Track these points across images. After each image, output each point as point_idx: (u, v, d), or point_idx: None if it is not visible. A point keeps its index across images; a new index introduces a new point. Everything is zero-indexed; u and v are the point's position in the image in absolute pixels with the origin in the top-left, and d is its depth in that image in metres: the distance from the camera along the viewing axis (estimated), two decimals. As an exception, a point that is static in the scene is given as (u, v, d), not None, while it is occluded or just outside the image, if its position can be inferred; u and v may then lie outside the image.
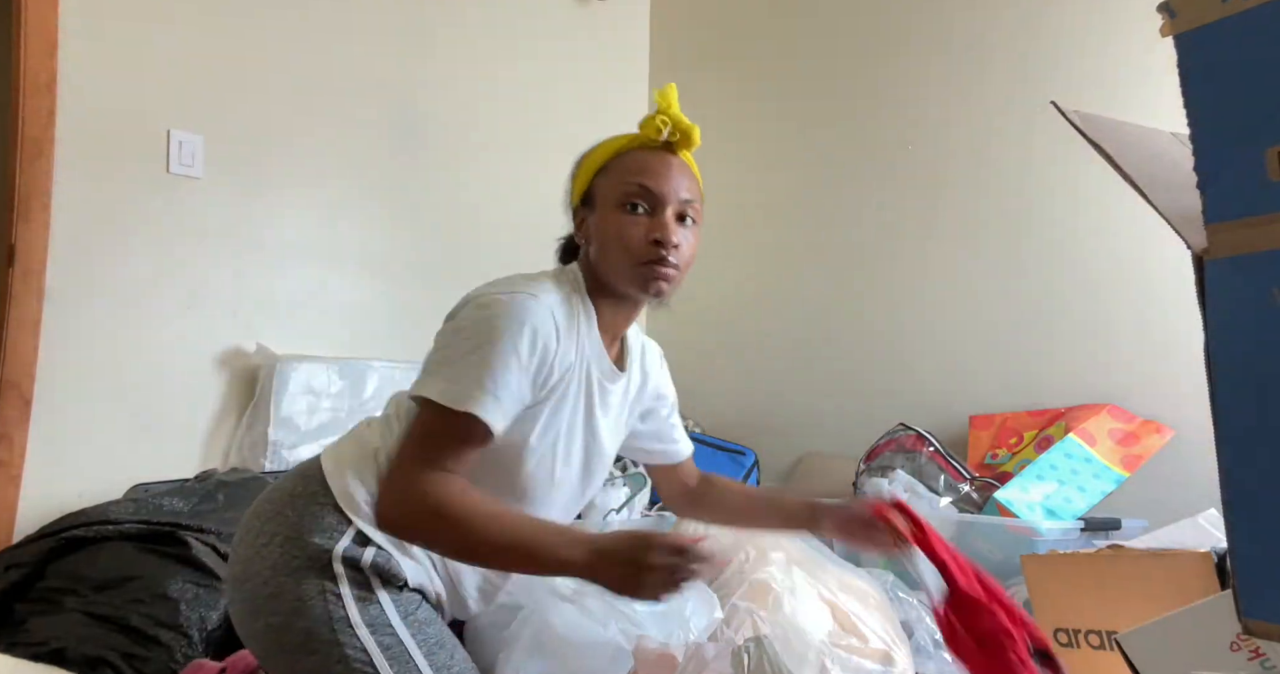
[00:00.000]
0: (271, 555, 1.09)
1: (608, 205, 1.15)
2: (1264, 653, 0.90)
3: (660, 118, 1.14)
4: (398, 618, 1.08)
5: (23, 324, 1.93)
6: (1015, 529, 1.85)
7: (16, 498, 1.91)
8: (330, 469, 1.15)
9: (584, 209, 1.18)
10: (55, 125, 1.99)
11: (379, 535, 1.10)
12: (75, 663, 1.43)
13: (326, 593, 1.06)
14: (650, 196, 1.13)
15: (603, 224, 1.14)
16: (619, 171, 1.15)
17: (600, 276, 1.17)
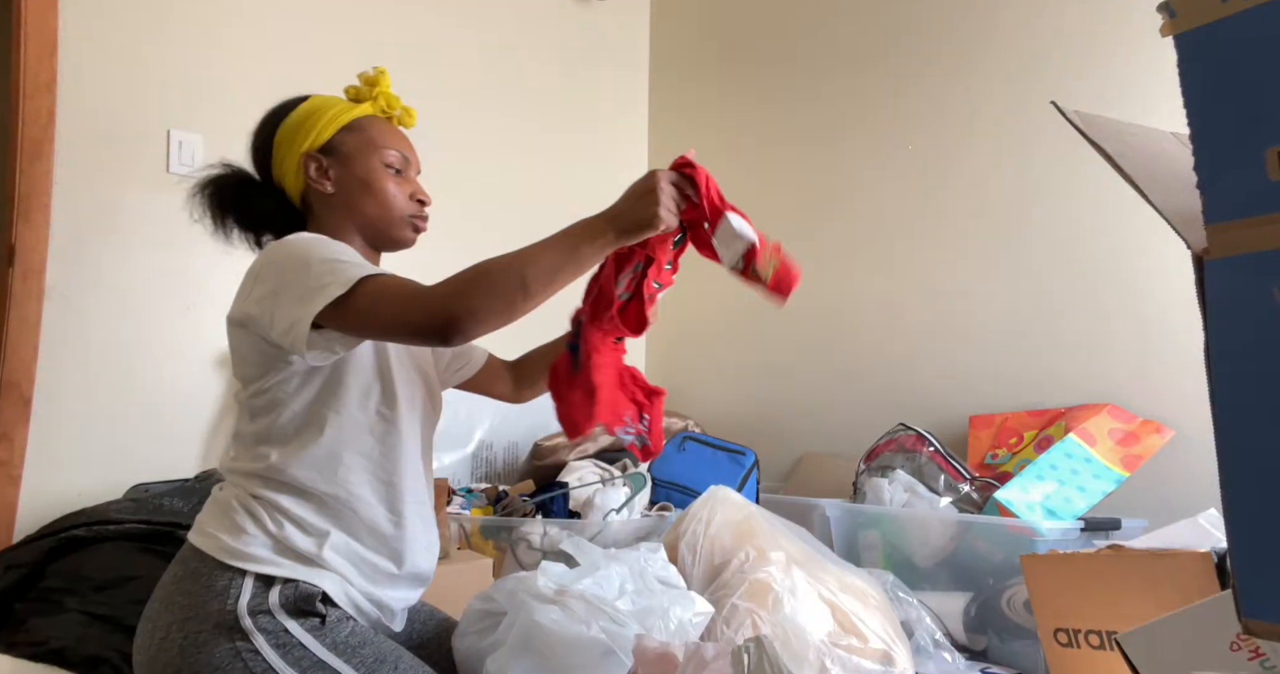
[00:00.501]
0: (174, 643, 1.06)
1: (364, 160, 1.27)
2: (1264, 653, 0.90)
3: (403, 107, 1.36)
4: (325, 650, 1.06)
5: (23, 324, 1.93)
6: (1015, 529, 1.85)
7: (16, 498, 1.91)
8: (199, 540, 1.14)
9: (324, 158, 1.26)
10: (55, 125, 1.99)
11: (280, 568, 1.09)
12: (75, 663, 1.43)
13: (241, 653, 1.04)
14: (407, 164, 1.32)
15: (362, 176, 1.27)
16: (374, 134, 1.30)
17: (351, 221, 1.27)
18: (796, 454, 2.74)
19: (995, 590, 1.84)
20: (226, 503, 1.16)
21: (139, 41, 2.15)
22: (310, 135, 1.27)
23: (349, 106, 1.32)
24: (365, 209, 1.28)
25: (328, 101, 1.32)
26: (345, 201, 1.27)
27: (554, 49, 3.05)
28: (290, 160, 1.27)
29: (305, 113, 1.29)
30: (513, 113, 2.90)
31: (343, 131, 1.29)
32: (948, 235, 2.53)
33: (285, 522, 1.13)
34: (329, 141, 1.28)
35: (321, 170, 1.27)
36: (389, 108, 1.35)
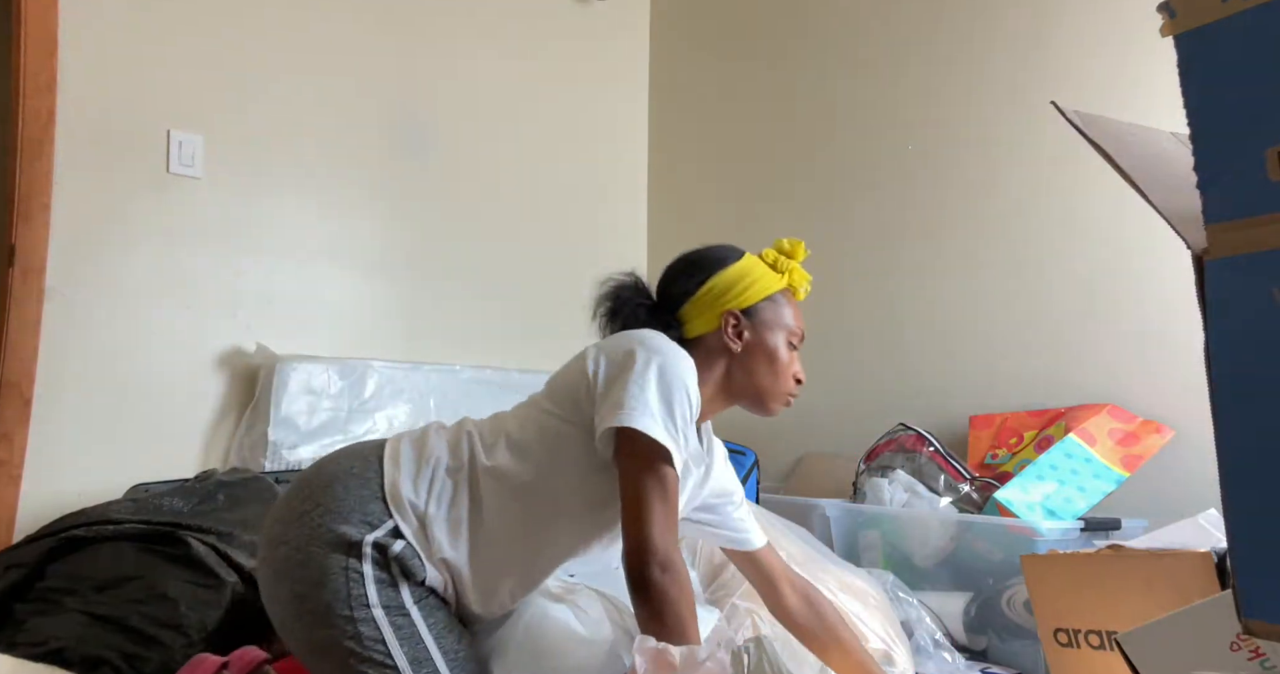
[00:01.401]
0: (310, 524, 1.16)
1: (775, 335, 1.35)
2: (1264, 653, 0.90)
3: (806, 286, 1.41)
4: (411, 602, 1.15)
5: (23, 324, 1.93)
6: (1015, 529, 1.85)
7: (16, 498, 1.91)
8: (389, 463, 1.22)
9: (744, 318, 1.34)
10: (55, 125, 1.99)
11: (411, 534, 1.17)
12: (75, 663, 1.43)
13: (350, 570, 1.13)
14: (800, 342, 1.40)
15: (771, 349, 1.35)
16: (787, 313, 1.38)
17: (733, 378, 1.35)
18: (796, 454, 2.74)
19: (995, 590, 1.84)
20: (429, 453, 1.23)
21: (139, 41, 2.15)
22: (741, 295, 1.34)
23: (775, 278, 1.38)
24: (759, 378, 1.35)
25: (758, 266, 1.38)
26: (743, 363, 1.34)
27: (554, 49, 3.05)
28: (714, 309, 1.33)
29: (741, 272, 1.36)
30: (512, 112, 2.90)
31: (766, 300, 1.36)
32: (948, 235, 2.53)
33: (445, 512, 1.19)
34: (752, 306, 1.35)
35: (737, 330, 1.33)
36: (796, 284, 1.40)
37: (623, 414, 1.14)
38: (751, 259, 1.39)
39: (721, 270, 1.35)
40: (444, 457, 1.24)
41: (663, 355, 1.20)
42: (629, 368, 1.19)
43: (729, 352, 1.33)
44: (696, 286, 1.34)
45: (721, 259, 1.37)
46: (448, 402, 2.44)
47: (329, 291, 2.45)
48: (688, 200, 3.23)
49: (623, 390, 1.16)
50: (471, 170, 2.79)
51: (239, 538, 1.70)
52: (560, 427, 1.23)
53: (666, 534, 1.13)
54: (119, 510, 1.72)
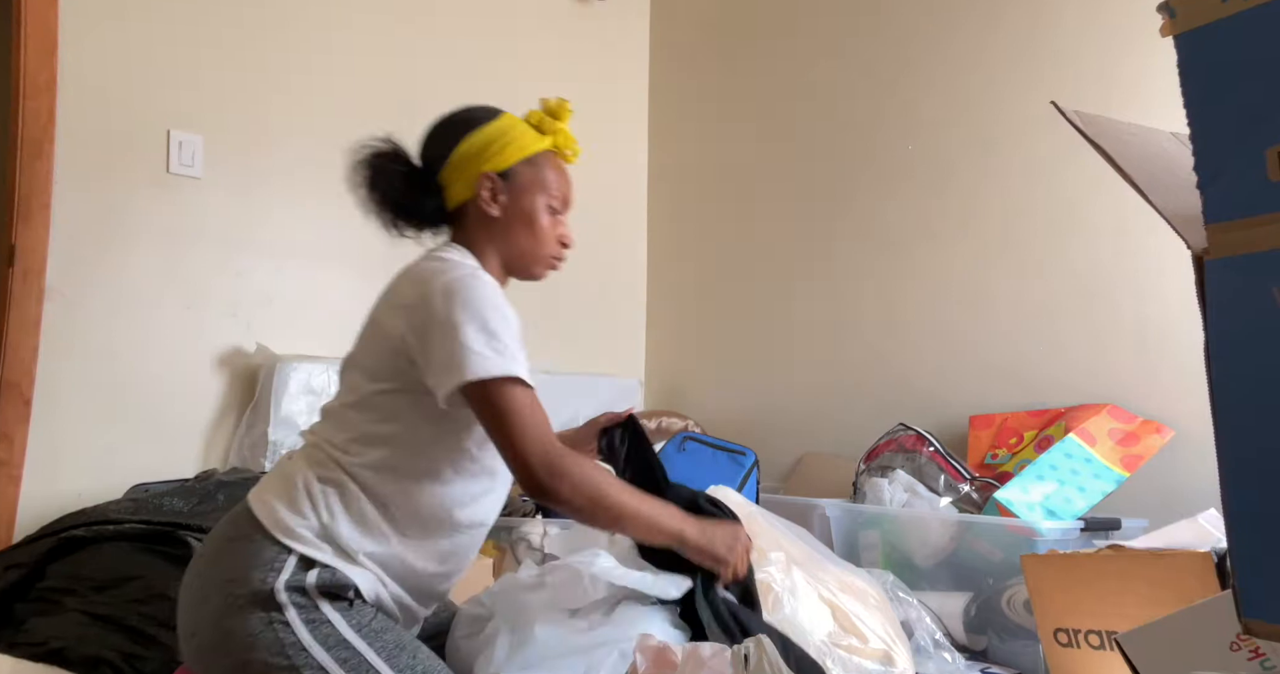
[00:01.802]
0: (215, 602, 1.12)
1: (533, 197, 1.33)
2: (1264, 653, 0.90)
3: (574, 147, 1.40)
4: (351, 632, 1.11)
5: (23, 324, 1.93)
6: (1015, 529, 1.85)
7: (16, 498, 1.91)
8: (259, 507, 1.18)
9: (500, 181, 1.30)
10: (55, 125, 1.99)
11: (320, 554, 1.13)
12: (75, 663, 1.43)
13: (274, 623, 1.09)
14: (565, 207, 1.40)
15: (527, 213, 1.33)
16: (548, 175, 1.35)
17: (500, 249, 1.33)
18: (796, 454, 2.74)
19: (995, 590, 1.84)
20: (291, 478, 1.19)
21: (139, 41, 2.15)
22: (496, 157, 1.31)
23: (535, 138, 1.35)
24: (518, 241, 1.33)
25: (518, 127, 1.35)
26: (503, 229, 1.32)
27: (554, 49, 3.05)
28: (469, 173, 1.30)
29: (497, 132, 1.32)
30: (512, 112, 2.90)
31: (523, 163, 1.33)
32: (948, 235, 2.53)
33: (340, 512, 1.16)
34: (509, 168, 1.32)
35: (493, 193, 1.31)
36: (563, 146, 1.39)
37: (457, 371, 1.12)
38: (510, 119, 1.35)
39: (475, 130, 1.31)
40: (309, 473, 1.19)
41: (456, 290, 1.17)
42: (433, 320, 1.16)
43: (489, 217, 1.31)
44: (450, 148, 1.31)
45: (476, 119, 1.33)
46: (448, 402, 2.44)
47: (329, 291, 2.44)
48: (687, 200, 3.23)
49: (441, 348, 1.14)
50: (471, 170, 2.79)
51: (239, 538, 1.69)
52: (396, 402, 1.20)
53: (538, 442, 1.13)
54: (119, 510, 1.72)
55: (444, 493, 1.21)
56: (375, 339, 1.26)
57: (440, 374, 1.14)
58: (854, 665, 1.48)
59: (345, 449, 1.20)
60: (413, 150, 1.36)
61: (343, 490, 1.17)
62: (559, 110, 1.38)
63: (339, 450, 1.20)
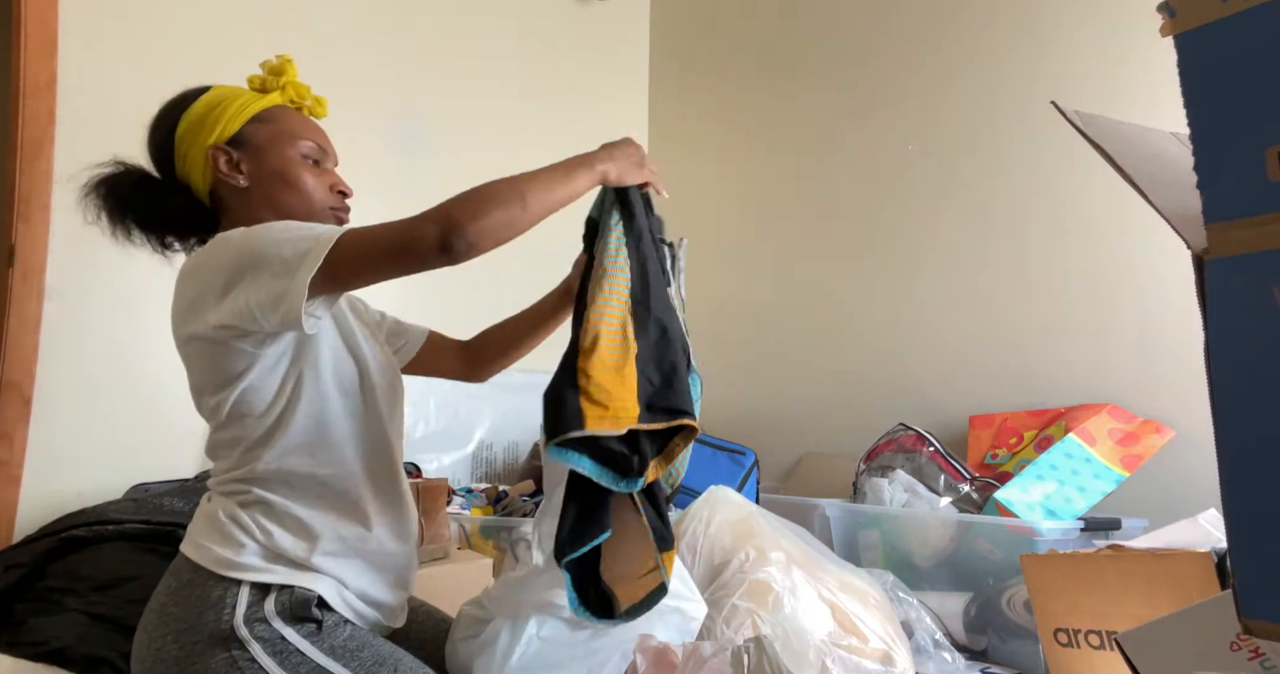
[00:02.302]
0: (170, 654, 1.06)
1: (278, 151, 1.23)
2: (1264, 653, 0.90)
3: (313, 97, 1.33)
4: (323, 655, 1.06)
5: (23, 324, 1.93)
6: (1015, 529, 1.85)
7: (16, 498, 1.91)
8: (194, 551, 1.13)
9: (234, 150, 1.21)
10: (55, 125, 1.99)
11: (274, 575, 1.08)
12: (75, 663, 1.43)
13: (238, 663, 1.03)
14: (325, 155, 1.30)
15: (279, 171, 1.22)
16: (287, 125, 1.25)
17: (273, 215, 1.20)
18: (796, 454, 2.74)
19: (995, 590, 1.84)
20: (214, 515, 1.14)
21: (139, 41, 2.15)
22: (217, 127, 1.21)
23: (256, 97, 1.26)
24: (284, 201, 1.22)
25: (232, 92, 1.26)
26: (263, 195, 1.22)
27: (554, 49, 3.05)
28: (196, 154, 1.21)
29: (209, 104, 1.23)
30: (513, 112, 2.90)
31: (252, 122, 1.23)
32: (948, 235, 2.53)
33: (274, 527, 1.12)
34: (238, 133, 1.22)
35: (232, 163, 1.21)
36: (299, 98, 1.30)
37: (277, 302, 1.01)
38: (223, 89, 1.26)
39: (185, 112, 1.22)
40: (227, 504, 1.14)
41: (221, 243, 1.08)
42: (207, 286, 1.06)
43: (241, 190, 1.20)
44: (169, 139, 1.22)
45: (183, 100, 1.24)
46: (448, 401, 2.44)
47: (329, 291, 2.44)
48: (687, 200, 3.23)
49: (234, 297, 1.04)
50: (471, 171, 2.78)
51: (239, 538, 1.69)
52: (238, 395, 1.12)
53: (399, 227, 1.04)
54: (119, 510, 1.72)
55: (319, 422, 1.13)
56: (189, 360, 1.16)
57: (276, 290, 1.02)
58: (854, 665, 1.48)
59: (239, 464, 1.14)
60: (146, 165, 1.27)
61: (266, 506, 1.12)
62: (281, 66, 1.28)
63: (235, 467, 1.14)
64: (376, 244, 1.04)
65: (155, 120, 1.27)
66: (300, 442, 1.13)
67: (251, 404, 1.13)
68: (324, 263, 1.01)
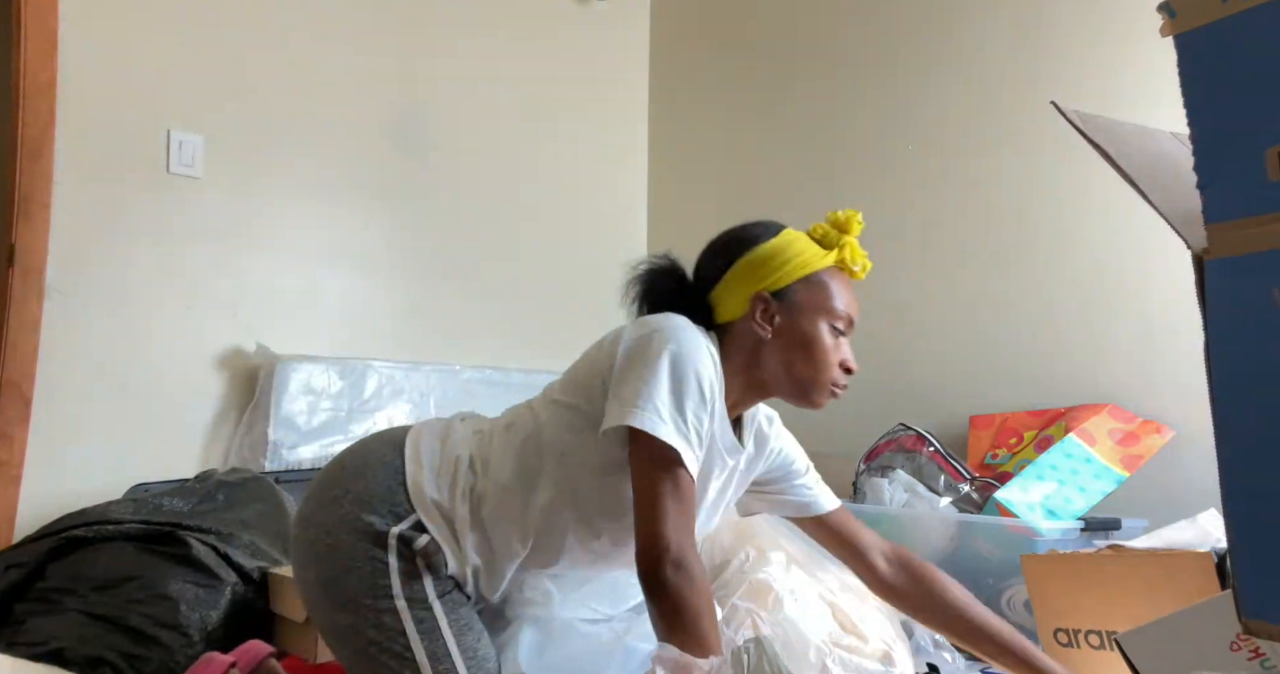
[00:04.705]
0: (340, 509, 1.17)
1: (812, 319, 1.23)
2: (1264, 653, 0.90)
3: (863, 262, 1.28)
4: (434, 596, 1.15)
5: (23, 324, 1.93)
6: (1015, 529, 1.85)
7: (16, 498, 1.91)
8: (410, 456, 1.22)
9: (775, 303, 1.23)
10: (55, 125, 1.99)
11: (435, 528, 1.17)
12: (75, 663, 1.43)
13: (376, 561, 1.14)
14: (849, 327, 1.27)
15: (806, 334, 1.23)
16: (830, 293, 1.24)
17: (765, 368, 1.24)
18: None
19: (995, 590, 1.84)
20: (454, 455, 1.22)
21: (139, 41, 2.15)
22: (772, 275, 1.23)
23: (818, 254, 1.25)
24: (794, 367, 1.23)
25: (798, 242, 1.25)
26: (775, 351, 1.23)
27: (554, 49, 3.05)
28: (742, 292, 1.24)
29: (775, 249, 1.24)
30: (512, 112, 2.90)
31: (801, 281, 1.24)
32: (948, 235, 2.53)
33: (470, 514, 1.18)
34: (786, 288, 1.23)
35: (768, 314, 1.23)
36: (851, 261, 1.27)
37: (631, 412, 1.09)
38: (791, 235, 1.26)
39: (752, 249, 1.24)
40: (465, 457, 1.22)
41: (677, 343, 1.13)
42: (640, 358, 1.13)
43: (758, 338, 1.23)
44: (724, 268, 1.25)
45: (754, 237, 1.26)
46: (448, 401, 2.44)
47: (329, 292, 2.45)
48: (688, 200, 3.23)
49: (632, 385, 1.12)
50: (472, 170, 2.79)
51: (239, 538, 1.70)
52: (571, 429, 1.19)
53: (680, 532, 1.08)
54: (119, 510, 1.72)
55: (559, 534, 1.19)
56: (591, 358, 1.23)
57: (617, 406, 1.12)
58: (854, 665, 1.48)
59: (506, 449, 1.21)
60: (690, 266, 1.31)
61: (484, 491, 1.19)
62: (848, 223, 1.27)
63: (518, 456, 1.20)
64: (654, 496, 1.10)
65: (722, 242, 1.29)
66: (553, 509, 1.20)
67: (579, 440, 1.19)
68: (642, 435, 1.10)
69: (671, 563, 1.07)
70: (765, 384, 1.26)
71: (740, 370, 1.24)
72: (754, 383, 1.26)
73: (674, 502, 1.10)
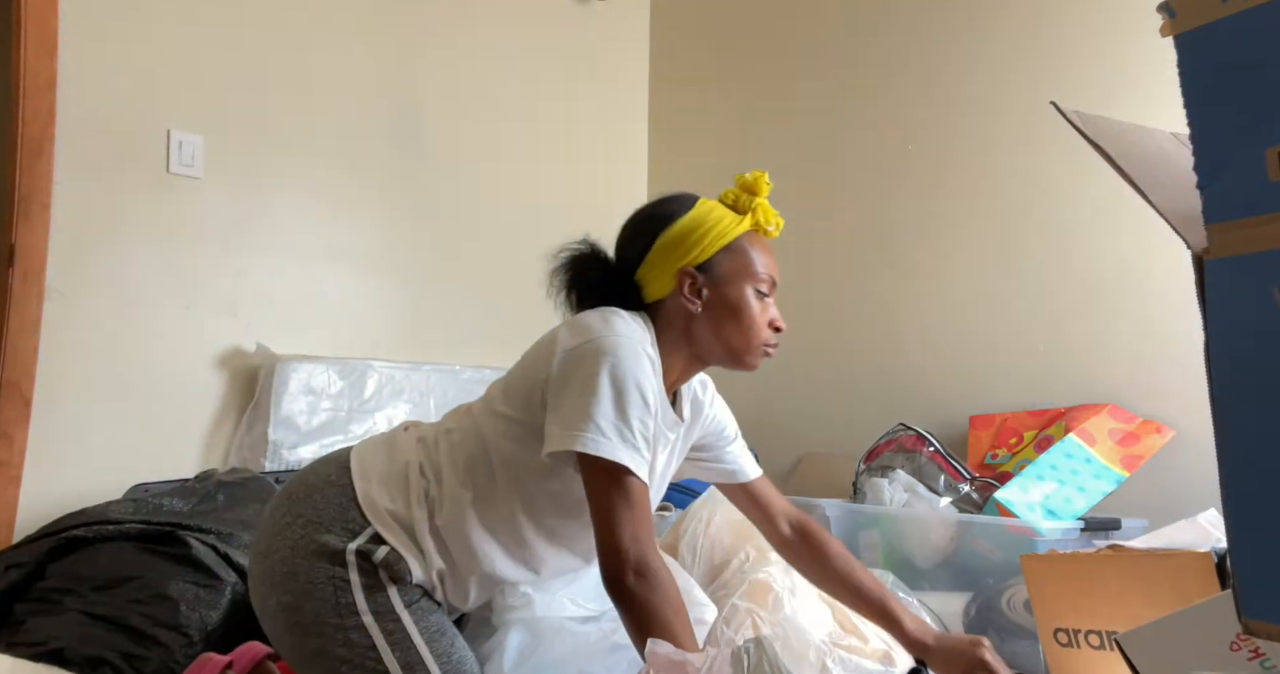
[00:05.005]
0: (293, 535, 1.18)
1: (739, 286, 1.26)
2: (1264, 653, 0.90)
3: (775, 221, 1.30)
4: (401, 606, 1.15)
5: (23, 324, 1.93)
6: (1015, 529, 1.85)
7: (16, 498, 1.91)
8: (357, 471, 1.23)
9: (700, 276, 1.25)
10: (55, 125, 1.99)
11: (394, 538, 1.17)
12: (75, 663, 1.43)
13: (335, 579, 1.14)
14: (773, 288, 1.29)
15: (734, 302, 1.25)
16: (750, 258, 1.27)
17: (699, 340, 1.27)
18: (796, 454, 2.74)
19: (995, 590, 1.84)
20: (402, 463, 1.23)
21: (139, 41, 2.15)
22: (694, 251, 1.25)
23: (734, 221, 1.27)
24: (725, 334, 1.27)
25: (713, 212, 1.28)
26: (706, 323, 1.26)
27: (554, 49, 3.05)
28: (666, 270, 1.25)
29: (693, 223, 1.26)
30: (512, 112, 2.90)
31: (723, 251, 1.26)
32: (948, 235, 2.53)
33: (427, 520, 1.19)
34: (709, 259, 1.25)
35: (695, 288, 1.25)
36: (764, 222, 1.29)
37: (574, 437, 1.10)
38: (705, 206, 1.28)
39: (670, 225, 1.26)
40: (415, 463, 1.22)
41: (615, 356, 1.13)
42: (577, 374, 1.13)
43: (689, 313, 1.25)
44: (646, 247, 1.26)
45: (671, 214, 1.27)
46: (448, 401, 2.44)
47: (329, 292, 2.44)
48: (688, 200, 3.23)
49: (573, 404, 1.12)
50: (472, 170, 2.79)
51: (239, 538, 1.70)
52: (515, 440, 1.19)
53: (639, 541, 1.09)
54: (119, 510, 1.72)
55: (516, 537, 1.21)
56: (529, 367, 1.23)
57: (559, 428, 1.12)
58: (854, 665, 1.48)
59: (453, 454, 1.22)
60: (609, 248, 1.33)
61: (440, 496, 1.20)
62: (755, 184, 1.29)
63: (448, 454, 1.22)
64: (613, 509, 1.11)
65: (638, 221, 1.30)
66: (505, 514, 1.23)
67: (525, 450, 1.20)
68: (587, 458, 1.11)
69: (633, 571, 1.08)
70: (701, 356, 1.29)
71: (676, 346, 1.27)
72: (691, 356, 1.29)
73: (627, 511, 1.10)
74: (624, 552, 1.09)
